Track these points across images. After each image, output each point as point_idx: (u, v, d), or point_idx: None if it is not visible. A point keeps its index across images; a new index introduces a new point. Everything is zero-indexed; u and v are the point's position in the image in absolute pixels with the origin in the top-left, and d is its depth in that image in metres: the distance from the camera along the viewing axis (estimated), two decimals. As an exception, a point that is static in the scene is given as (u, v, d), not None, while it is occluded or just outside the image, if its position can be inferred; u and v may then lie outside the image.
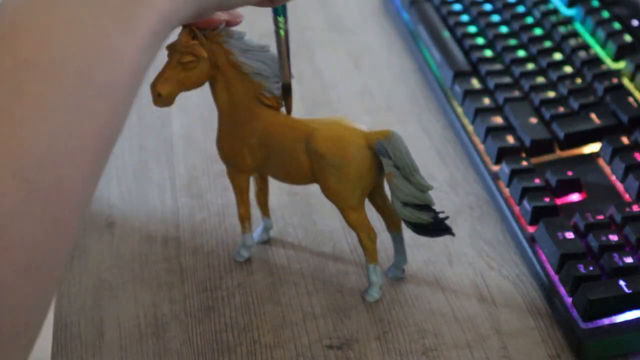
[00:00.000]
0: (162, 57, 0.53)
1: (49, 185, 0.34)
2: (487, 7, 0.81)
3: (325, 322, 0.55)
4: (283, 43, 0.53)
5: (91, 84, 0.35)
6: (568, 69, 0.70)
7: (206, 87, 0.55)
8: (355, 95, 0.77)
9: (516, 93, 0.69)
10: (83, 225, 0.64)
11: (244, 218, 0.59)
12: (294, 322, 0.55)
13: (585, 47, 0.72)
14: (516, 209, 0.60)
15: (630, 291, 0.51)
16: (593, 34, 0.74)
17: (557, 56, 0.72)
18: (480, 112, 0.67)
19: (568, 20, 0.76)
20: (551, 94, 0.68)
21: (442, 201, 0.63)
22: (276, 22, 0.53)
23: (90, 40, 0.36)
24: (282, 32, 0.53)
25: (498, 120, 0.66)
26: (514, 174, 0.61)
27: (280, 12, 0.53)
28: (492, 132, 0.65)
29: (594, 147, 0.64)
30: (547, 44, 0.74)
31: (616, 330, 0.51)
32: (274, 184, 0.63)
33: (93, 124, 0.36)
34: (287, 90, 0.55)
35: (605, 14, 0.74)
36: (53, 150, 0.34)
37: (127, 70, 0.37)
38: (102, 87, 0.36)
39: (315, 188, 0.55)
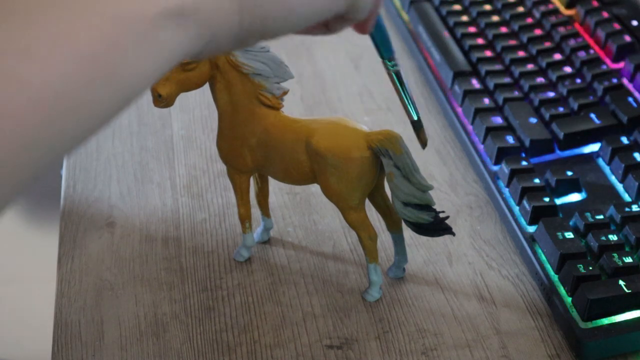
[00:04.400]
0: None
1: None
2: (487, 7, 0.81)
3: (325, 322, 0.55)
4: (400, 84, 0.51)
5: None
6: (567, 69, 0.71)
7: (206, 87, 0.55)
8: (355, 96, 0.77)
9: (516, 93, 0.69)
10: (83, 225, 0.65)
11: (244, 218, 0.59)
12: (294, 322, 0.56)
13: (585, 47, 0.72)
14: (516, 208, 0.60)
15: (629, 291, 0.51)
16: (593, 34, 0.74)
17: (557, 56, 0.72)
18: (480, 112, 0.67)
19: (568, 20, 0.76)
20: (551, 94, 0.68)
21: (442, 201, 0.63)
22: (386, 66, 0.50)
23: None
24: (394, 75, 0.50)
25: (498, 120, 0.66)
26: (514, 173, 0.61)
27: (384, 54, 0.50)
28: (491, 132, 0.65)
29: (593, 147, 0.64)
30: (547, 44, 0.74)
31: (616, 330, 0.51)
32: (274, 184, 0.63)
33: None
34: (417, 125, 0.53)
35: (605, 14, 0.74)
36: None
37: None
38: None
39: (315, 188, 0.56)
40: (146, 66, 0.34)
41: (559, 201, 0.60)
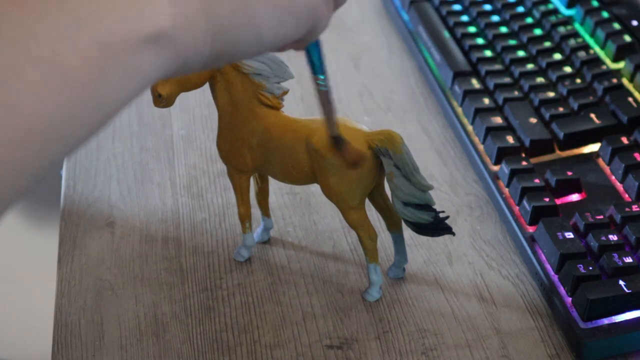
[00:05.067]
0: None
1: None
2: (487, 7, 0.81)
3: (325, 322, 0.55)
4: (326, 99, 0.48)
5: None
6: (567, 69, 0.71)
7: (206, 87, 0.55)
8: (355, 95, 0.77)
9: (516, 93, 0.69)
10: (83, 225, 0.65)
11: (244, 218, 0.59)
12: (294, 322, 0.56)
13: (585, 47, 0.72)
14: (516, 209, 0.60)
15: (629, 291, 0.51)
16: (593, 34, 0.74)
17: (557, 56, 0.72)
18: (480, 112, 0.67)
19: (568, 20, 0.76)
20: (551, 94, 0.68)
21: (442, 201, 0.63)
22: (316, 81, 0.47)
23: None
24: (323, 89, 0.48)
25: (498, 120, 0.66)
26: (514, 173, 0.61)
27: (318, 71, 0.47)
28: (491, 132, 0.65)
29: (593, 147, 0.64)
30: (547, 44, 0.74)
31: (616, 330, 0.51)
32: (274, 184, 0.63)
33: None
34: (338, 141, 0.51)
35: (605, 14, 0.75)
36: None
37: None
38: None
39: (315, 188, 0.56)
40: (126, 90, 0.35)
41: (558, 201, 0.60)
